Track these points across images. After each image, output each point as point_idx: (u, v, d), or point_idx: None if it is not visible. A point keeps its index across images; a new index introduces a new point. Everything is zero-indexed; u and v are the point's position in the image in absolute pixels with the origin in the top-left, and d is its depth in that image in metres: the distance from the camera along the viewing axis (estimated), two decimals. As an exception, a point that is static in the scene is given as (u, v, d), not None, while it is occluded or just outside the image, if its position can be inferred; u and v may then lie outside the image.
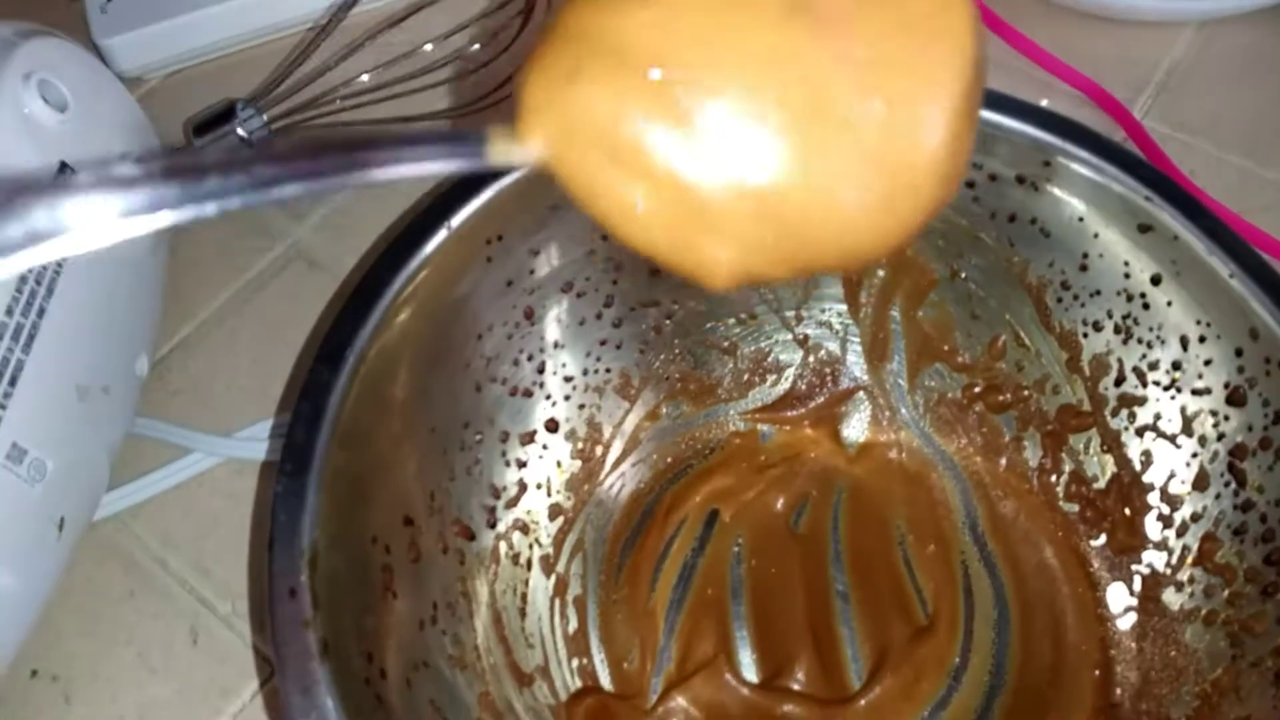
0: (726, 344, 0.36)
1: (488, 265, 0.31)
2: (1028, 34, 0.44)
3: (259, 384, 0.37)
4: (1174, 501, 0.30)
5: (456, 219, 0.29)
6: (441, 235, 0.28)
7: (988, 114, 0.30)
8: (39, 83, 0.32)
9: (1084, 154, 0.29)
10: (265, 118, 0.37)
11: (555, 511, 0.33)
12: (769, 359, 0.36)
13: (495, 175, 0.30)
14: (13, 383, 0.29)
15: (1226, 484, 0.28)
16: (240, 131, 0.36)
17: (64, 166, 0.32)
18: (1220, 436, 0.29)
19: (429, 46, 0.39)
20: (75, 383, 0.32)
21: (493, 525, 0.31)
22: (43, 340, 0.30)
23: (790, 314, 0.36)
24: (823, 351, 0.36)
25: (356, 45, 0.39)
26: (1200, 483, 0.29)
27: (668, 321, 0.35)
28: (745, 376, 0.36)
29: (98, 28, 0.44)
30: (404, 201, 0.41)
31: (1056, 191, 0.30)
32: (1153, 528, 0.30)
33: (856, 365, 0.36)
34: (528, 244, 0.31)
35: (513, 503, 0.32)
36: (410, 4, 0.39)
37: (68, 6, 0.46)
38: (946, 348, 0.34)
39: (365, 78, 0.39)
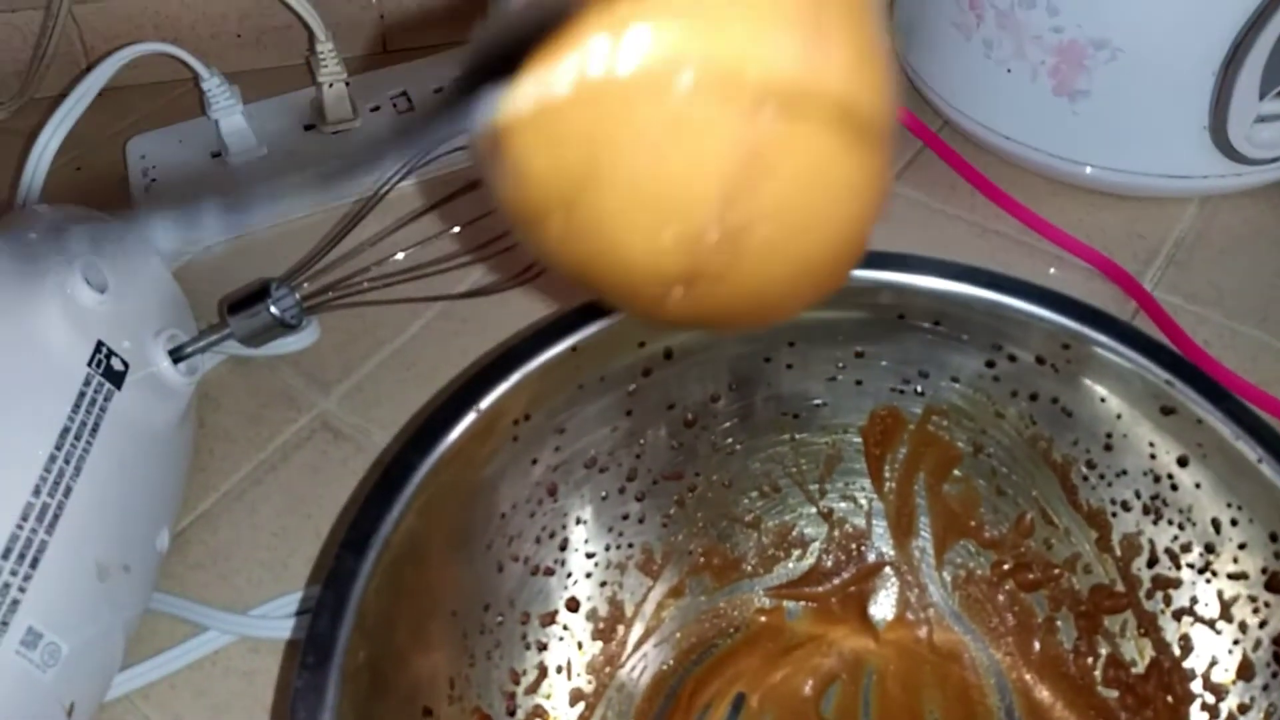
0: (750, 517, 0.36)
1: (514, 444, 0.31)
2: (1036, 210, 0.45)
3: (279, 558, 0.37)
4: (1218, 691, 0.29)
5: (485, 401, 0.29)
6: (470, 418, 0.29)
7: (1008, 300, 0.30)
8: (83, 265, 0.34)
9: (1103, 338, 0.29)
10: (298, 296, 0.38)
11: (576, 696, 0.32)
12: (793, 533, 0.36)
13: (525, 357, 0.30)
14: (34, 565, 0.29)
15: (1274, 674, 0.27)
16: (273, 310, 0.37)
17: (100, 345, 0.33)
18: (1262, 624, 0.28)
19: (457, 229, 0.41)
20: (96, 561, 0.31)
21: (512, 713, 0.30)
22: (67, 520, 0.30)
23: (814, 487, 0.35)
24: (848, 526, 0.36)
25: (386, 232, 0.41)
26: (1244, 672, 0.28)
27: (691, 494, 0.35)
28: (770, 551, 0.36)
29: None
30: (431, 372, 0.41)
31: (1077, 374, 0.30)
32: (1198, 718, 0.29)
33: (882, 540, 0.35)
34: (554, 422, 0.31)
35: (533, 688, 0.31)
36: (443, 193, 0.41)
37: (116, 187, 0.48)
38: (973, 524, 0.34)
39: (400, 256, 0.40)
